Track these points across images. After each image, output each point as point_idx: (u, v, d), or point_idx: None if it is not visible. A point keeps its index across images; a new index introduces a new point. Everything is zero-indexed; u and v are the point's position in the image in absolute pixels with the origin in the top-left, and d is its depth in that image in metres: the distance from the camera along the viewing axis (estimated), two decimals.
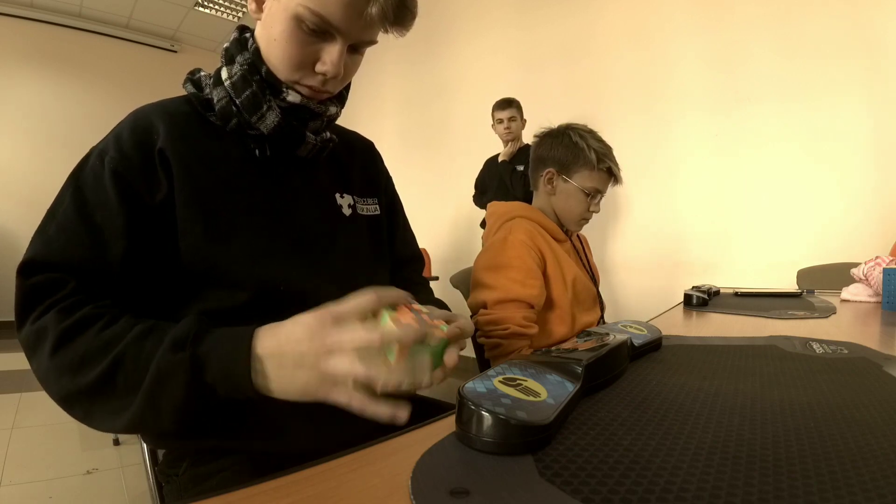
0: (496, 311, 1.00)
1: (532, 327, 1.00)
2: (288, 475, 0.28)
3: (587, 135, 1.12)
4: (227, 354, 0.44)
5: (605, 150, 1.12)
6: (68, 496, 1.50)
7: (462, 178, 3.40)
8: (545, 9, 3.06)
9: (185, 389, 0.43)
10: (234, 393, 0.44)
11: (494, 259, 1.05)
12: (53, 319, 0.46)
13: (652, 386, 0.43)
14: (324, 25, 0.54)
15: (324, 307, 0.44)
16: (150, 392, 0.43)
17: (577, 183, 1.11)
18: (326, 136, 0.66)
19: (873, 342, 0.63)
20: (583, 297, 1.13)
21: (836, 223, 1.98)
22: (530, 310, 1.01)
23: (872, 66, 1.89)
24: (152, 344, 0.45)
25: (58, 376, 0.46)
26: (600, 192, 1.13)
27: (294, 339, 0.43)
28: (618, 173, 1.14)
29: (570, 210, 1.14)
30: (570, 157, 1.11)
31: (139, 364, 0.44)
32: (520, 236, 1.05)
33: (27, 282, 0.49)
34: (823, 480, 0.25)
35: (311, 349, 0.42)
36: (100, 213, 0.52)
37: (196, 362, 0.43)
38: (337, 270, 0.64)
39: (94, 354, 0.45)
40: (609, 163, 1.11)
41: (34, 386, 0.50)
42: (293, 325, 0.44)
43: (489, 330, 1.00)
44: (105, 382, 0.44)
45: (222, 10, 4.84)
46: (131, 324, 0.47)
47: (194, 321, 0.46)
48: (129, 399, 0.44)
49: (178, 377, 0.43)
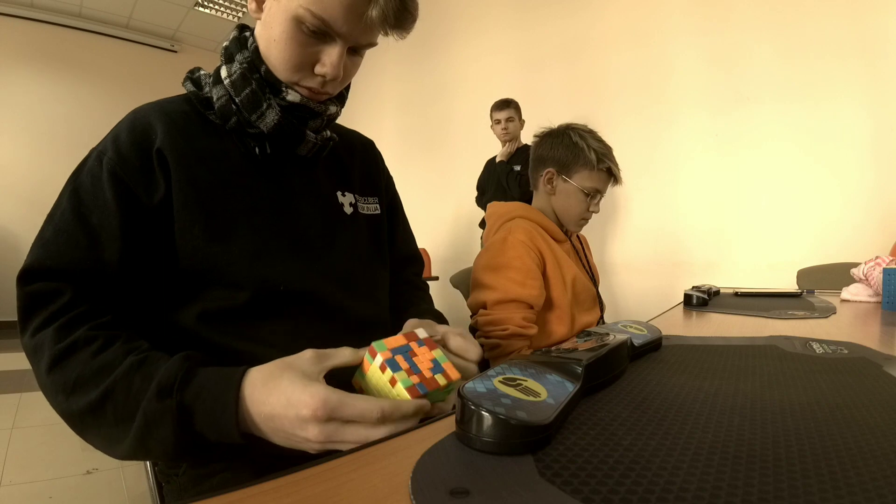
0: (496, 312, 1.00)
1: (531, 328, 1.00)
2: (288, 475, 0.28)
3: (587, 135, 1.12)
4: (214, 403, 0.43)
5: (605, 150, 1.12)
6: (68, 496, 1.50)
7: (462, 178, 3.40)
8: (545, 9, 3.06)
9: (174, 437, 0.42)
10: (225, 440, 0.43)
11: (494, 259, 1.05)
12: (50, 337, 0.47)
13: (652, 386, 0.43)
14: (324, 27, 0.54)
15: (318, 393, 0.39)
16: (140, 435, 0.43)
17: (577, 183, 1.11)
18: (327, 134, 0.66)
19: (873, 342, 0.63)
20: (582, 297, 1.13)
21: (836, 223, 1.98)
22: (530, 310, 1.01)
23: (872, 67, 1.89)
24: (140, 382, 0.44)
25: (54, 393, 0.47)
26: (600, 193, 1.13)
27: (287, 423, 0.40)
28: (617, 173, 1.13)
29: (570, 210, 1.14)
30: (569, 157, 1.11)
31: (128, 401, 0.44)
32: (519, 236, 1.05)
33: (25, 290, 0.49)
34: (823, 480, 0.25)
35: (305, 438, 0.40)
36: (96, 214, 0.52)
37: (183, 411, 0.42)
38: (337, 270, 0.63)
39: (86, 382, 0.45)
40: (609, 163, 1.11)
41: (34, 386, 0.50)
42: (285, 408, 0.40)
43: (489, 331, 1.00)
44: (95, 411, 0.45)
45: (222, 10, 4.84)
46: (125, 351, 0.47)
47: (181, 362, 0.45)
48: (121, 429, 0.44)
49: (166, 425, 0.42)
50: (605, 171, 1.11)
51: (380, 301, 0.70)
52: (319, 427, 0.39)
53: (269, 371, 0.43)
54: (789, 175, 2.09)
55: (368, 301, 0.66)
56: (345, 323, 0.62)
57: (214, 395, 0.43)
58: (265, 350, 0.52)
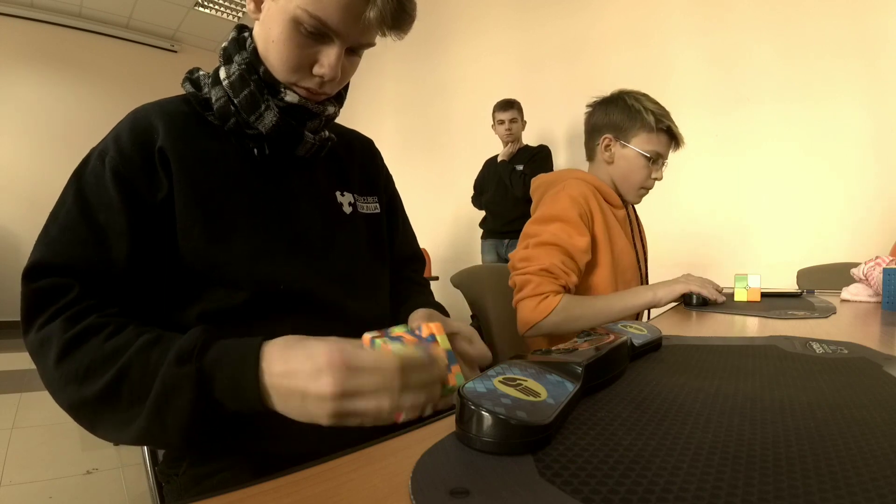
0: (532, 250, 0.95)
1: (568, 274, 0.94)
2: (288, 475, 0.28)
3: (642, 97, 1.08)
4: (234, 369, 0.42)
5: (663, 111, 1.07)
6: (68, 496, 1.50)
7: (462, 178, 3.40)
8: (545, 9, 3.06)
9: (191, 404, 0.42)
10: (244, 408, 0.42)
11: (543, 214, 1.01)
12: (58, 328, 0.46)
13: (652, 386, 0.43)
14: (322, 28, 0.54)
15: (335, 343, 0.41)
16: (156, 406, 0.42)
17: (637, 147, 1.05)
18: (325, 135, 0.66)
19: (873, 342, 0.63)
20: (624, 267, 1.07)
21: (836, 223, 1.98)
22: (570, 259, 0.96)
23: (872, 66, 1.89)
24: (158, 355, 0.44)
25: (63, 385, 0.45)
26: (662, 157, 1.08)
27: (303, 378, 0.40)
28: (679, 134, 1.08)
29: (631, 177, 1.09)
30: (626, 120, 1.06)
31: (144, 376, 0.43)
32: (571, 192, 1.01)
33: (31, 286, 0.49)
34: (823, 480, 0.25)
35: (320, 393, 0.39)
36: (102, 213, 0.52)
37: (202, 377, 0.42)
38: (337, 270, 0.64)
39: (99, 365, 0.44)
40: (668, 122, 1.05)
41: (34, 386, 0.50)
42: (303, 361, 0.41)
43: (521, 267, 0.95)
44: (110, 393, 0.44)
45: (222, 10, 4.84)
46: (137, 333, 0.46)
47: (200, 332, 0.45)
48: (135, 411, 0.43)
49: (185, 392, 0.42)
50: (664, 133, 1.06)
51: (380, 301, 0.70)
52: (335, 376, 0.39)
53: (288, 338, 0.44)
54: (789, 175, 2.09)
55: (369, 301, 0.66)
56: (345, 323, 0.62)
57: (234, 361, 0.43)
58: None
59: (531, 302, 0.93)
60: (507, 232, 2.77)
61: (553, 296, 0.93)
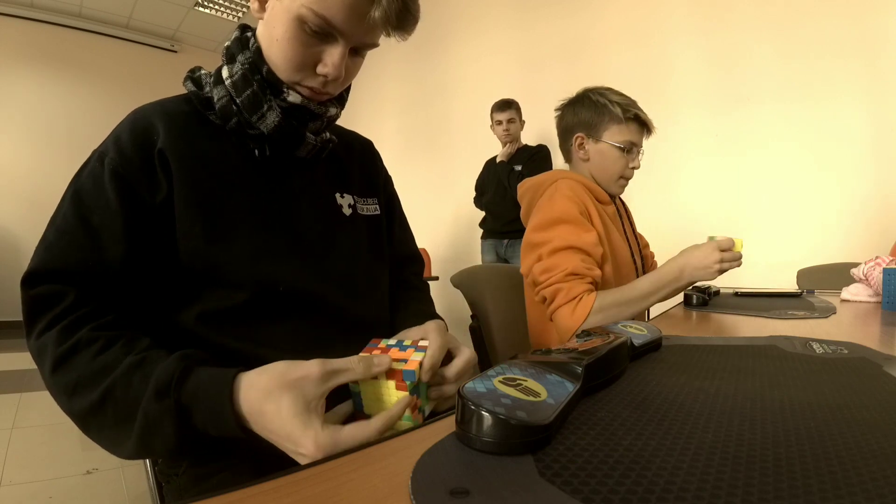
0: (550, 259, 0.94)
1: (594, 270, 0.94)
2: (288, 475, 0.28)
3: (606, 91, 1.09)
4: (211, 402, 0.43)
5: (629, 101, 1.07)
6: (68, 496, 1.50)
7: (462, 178, 3.40)
8: (545, 9, 3.06)
9: (175, 436, 0.43)
10: (226, 435, 0.44)
11: (543, 219, 1.01)
12: (53, 340, 0.48)
13: (652, 386, 0.43)
14: (326, 27, 0.54)
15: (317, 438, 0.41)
16: (142, 435, 0.44)
17: (610, 140, 1.06)
18: (326, 136, 0.66)
19: (873, 342, 0.63)
20: (619, 263, 1.07)
21: (836, 223, 1.98)
22: (588, 256, 0.95)
23: (872, 66, 1.89)
24: (139, 382, 0.45)
25: (58, 394, 0.48)
26: (636, 146, 1.08)
27: (284, 447, 0.42)
28: (648, 121, 1.09)
29: (608, 170, 1.09)
30: (595, 116, 1.07)
31: (127, 401, 0.45)
32: (566, 191, 1.02)
33: (30, 293, 0.50)
34: (823, 480, 0.25)
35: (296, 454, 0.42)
36: (98, 215, 0.52)
37: (181, 410, 0.43)
38: (336, 271, 0.64)
39: (86, 383, 0.46)
40: (636, 110, 1.06)
41: (34, 386, 0.51)
42: (284, 439, 0.42)
43: (545, 278, 0.94)
44: (96, 411, 0.46)
45: (222, 10, 4.84)
46: (124, 352, 0.47)
47: (177, 362, 0.46)
48: (123, 429, 0.45)
49: (166, 425, 0.43)
50: (634, 122, 1.07)
51: (380, 301, 0.70)
52: (314, 457, 0.40)
53: (268, 388, 0.43)
54: (789, 175, 2.09)
55: (368, 302, 0.66)
56: (344, 323, 0.62)
57: (211, 396, 0.44)
58: (265, 351, 0.52)
59: (566, 309, 0.92)
60: (507, 232, 2.77)
61: (587, 295, 0.92)
